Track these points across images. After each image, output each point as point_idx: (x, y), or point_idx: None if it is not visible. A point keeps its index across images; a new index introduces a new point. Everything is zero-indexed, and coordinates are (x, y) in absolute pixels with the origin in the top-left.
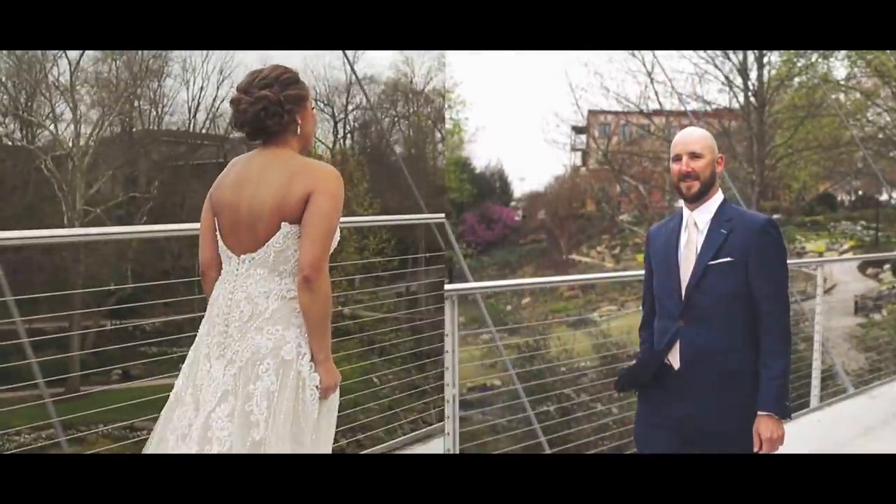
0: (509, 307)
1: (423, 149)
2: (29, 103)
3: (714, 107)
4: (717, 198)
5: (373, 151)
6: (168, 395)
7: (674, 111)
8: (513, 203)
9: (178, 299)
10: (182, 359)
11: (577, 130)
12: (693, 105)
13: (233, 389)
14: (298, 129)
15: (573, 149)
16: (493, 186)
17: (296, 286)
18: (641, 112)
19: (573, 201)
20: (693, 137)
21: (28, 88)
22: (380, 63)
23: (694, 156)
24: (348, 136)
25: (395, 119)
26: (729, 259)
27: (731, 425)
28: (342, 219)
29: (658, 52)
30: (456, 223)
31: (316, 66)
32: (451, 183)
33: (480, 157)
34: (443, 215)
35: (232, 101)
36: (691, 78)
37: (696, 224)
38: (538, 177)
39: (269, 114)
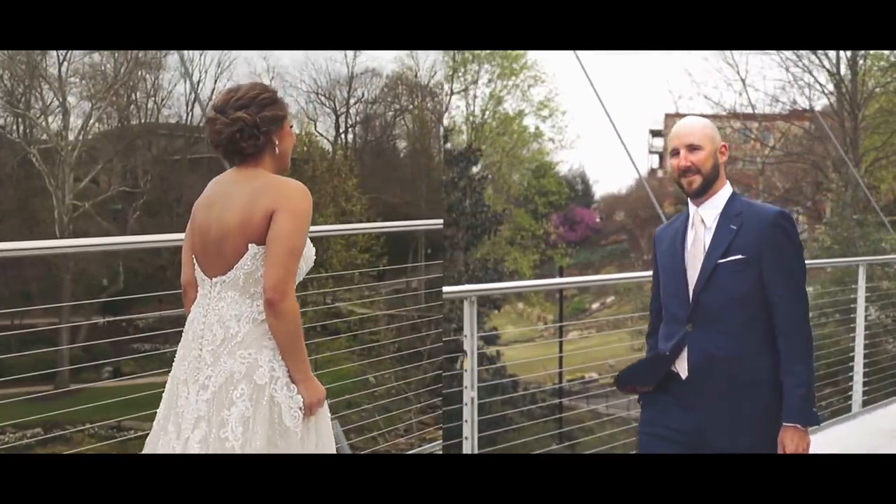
0: (595, 305)
1: (427, 144)
2: (25, 96)
3: (802, 108)
4: (726, 191)
5: (375, 146)
6: (159, 393)
7: (762, 114)
8: (593, 205)
9: (178, 305)
10: (174, 355)
11: (654, 133)
12: (781, 109)
13: (206, 415)
14: (277, 150)
15: (650, 151)
16: (576, 189)
17: None
18: (732, 114)
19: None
20: (690, 129)
21: (25, 81)
22: (383, 56)
23: (692, 148)
24: (350, 129)
25: (399, 113)
26: (740, 256)
27: (742, 441)
28: (359, 225)
29: (752, 61)
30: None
31: (317, 59)
32: (550, 186)
33: (565, 160)
34: (441, 221)
35: (207, 121)
36: (785, 85)
37: (702, 220)
38: (616, 180)
39: (245, 136)
